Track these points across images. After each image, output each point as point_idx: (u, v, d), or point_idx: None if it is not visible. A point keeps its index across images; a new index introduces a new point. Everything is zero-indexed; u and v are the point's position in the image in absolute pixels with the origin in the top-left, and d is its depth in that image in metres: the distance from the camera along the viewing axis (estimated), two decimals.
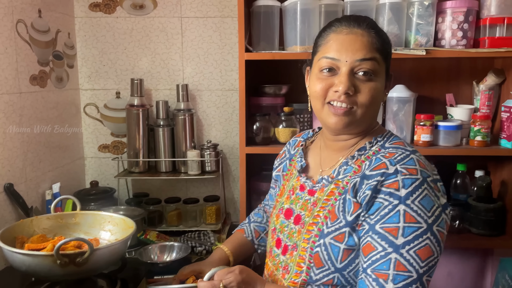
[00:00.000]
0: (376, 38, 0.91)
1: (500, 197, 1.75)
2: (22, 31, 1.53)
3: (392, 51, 0.99)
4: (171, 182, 1.99)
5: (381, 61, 0.91)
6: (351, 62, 0.89)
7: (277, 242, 1.03)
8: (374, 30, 0.92)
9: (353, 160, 0.94)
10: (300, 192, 1.02)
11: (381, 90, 0.93)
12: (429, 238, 0.81)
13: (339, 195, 0.92)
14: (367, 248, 0.84)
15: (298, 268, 0.94)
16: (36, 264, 1.06)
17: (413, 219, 0.81)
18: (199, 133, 1.97)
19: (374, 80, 0.90)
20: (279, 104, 1.78)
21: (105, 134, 1.99)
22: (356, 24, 0.91)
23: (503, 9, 1.57)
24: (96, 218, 1.38)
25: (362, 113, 0.91)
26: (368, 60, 0.89)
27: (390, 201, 0.83)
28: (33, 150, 1.60)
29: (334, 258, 0.88)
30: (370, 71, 0.89)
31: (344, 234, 0.88)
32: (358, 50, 0.89)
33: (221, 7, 1.88)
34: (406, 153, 0.88)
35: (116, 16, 1.90)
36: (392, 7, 1.58)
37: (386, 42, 0.94)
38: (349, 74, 0.89)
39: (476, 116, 1.63)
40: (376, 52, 0.90)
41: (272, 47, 1.66)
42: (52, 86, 1.73)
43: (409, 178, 0.83)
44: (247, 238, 1.26)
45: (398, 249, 0.80)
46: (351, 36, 0.90)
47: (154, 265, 1.44)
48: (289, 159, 1.14)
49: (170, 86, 1.94)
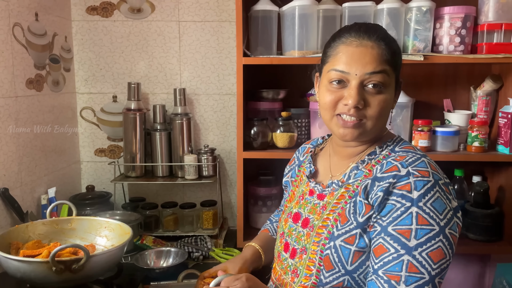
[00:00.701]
0: (386, 49, 0.91)
1: (497, 203, 1.75)
2: (19, 34, 1.52)
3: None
4: (168, 186, 1.98)
5: (391, 72, 0.91)
6: (361, 75, 0.89)
7: (285, 246, 1.03)
8: (384, 42, 0.91)
9: (364, 164, 0.95)
10: (309, 197, 1.02)
11: (390, 100, 0.94)
12: (442, 240, 0.81)
13: (350, 198, 0.92)
14: (379, 250, 0.85)
15: (308, 271, 0.94)
16: (31, 270, 1.05)
17: (425, 221, 0.82)
18: (196, 138, 1.96)
19: (383, 92, 0.91)
20: (276, 109, 1.78)
21: (101, 138, 1.98)
22: (366, 35, 0.91)
23: (500, 15, 1.57)
24: (92, 223, 1.37)
25: (371, 125, 0.92)
26: (378, 73, 0.89)
27: (402, 203, 0.84)
28: (29, 154, 1.59)
29: (344, 260, 0.89)
30: (380, 83, 0.89)
31: (354, 236, 0.88)
32: (368, 63, 0.89)
33: (219, 12, 1.88)
34: (417, 156, 0.89)
35: (114, 19, 1.90)
36: (390, 12, 1.58)
37: (397, 53, 0.94)
38: (358, 87, 0.89)
39: (474, 121, 1.63)
40: (385, 64, 0.90)
41: (270, 51, 1.66)
42: (49, 90, 1.72)
43: (421, 180, 0.84)
44: (272, 237, 1.25)
45: (411, 251, 0.81)
46: (360, 49, 0.90)
47: (151, 271, 1.43)
48: (298, 166, 1.15)
49: (167, 90, 1.93)
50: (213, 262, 1.55)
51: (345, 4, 1.60)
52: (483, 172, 1.84)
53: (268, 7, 1.64)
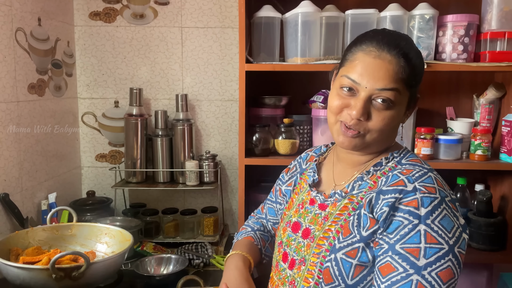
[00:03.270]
0: (404, 67, 0.87)
1: (500, 211, 1.74)
2: (21, 39, 1.52)
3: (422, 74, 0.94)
4: (169, 192, 1.97)
5: (403, 90, 0.88)
6: (371, 89, 0.87)
7: (284, 256, 1.00)
8: (405, 58, 0.87)
9: (369, 175, 0.93)
10: (310, 206, 1.00)
11: (398, 116, 0.91)
12: (451, 260, 0.80)
13: (353, 210, 0.90)
14: (386, 268, 0.82)
15: (305, 283, 0.91)
16: (30, 277, 1.04)
17: (434, 240, 0.80)
18: (197, 144, 1.96)
19: (391, 108, 0.88)
20: (279, 116, 1.77)
21: (102, 144, 1.97)
22: (386, 48, 0.87)
23: (503, 23, 1.57)
24: (92, 230, 1.36)
25: (371, 139, 0.90)
26: (388, 90, 0.86)
27: (410, 220, 0.82)
28: (30, 159, 1.58)
29: (345, 274, 0.86)
30: (389, 100, 0.87)
31: (357, 249, 0.86)
32: (381, 79, 0.86)
33: (222, 18, 1.88)
34: (424, 171, 0.87)
35: (116, 25, 1.90)
36: (393, 20, 1.58)
37: (417, 70, 0.90)
38: (365, 100, 0.87)
39: (477, 130, 1.63)
40: (399, 82, 0.87)
41: (272, 58, 1.66)
42: (50, 95, 1.72)
43: (428, 196, 0.82)
44: (257, 246, 1.16)
45: (420, 271, 0.79)
46: (378, 61, 0.87)
47: (151, 278, 1.42)
48: (300, 173, 1.12)
49: (169, 96, 1.93)
50: (213, 270, 1.54)
51: (348, 12, 1.60)
52: (486, 181, 1.83)
53: (271, 14, 1.64)
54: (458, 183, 1.72)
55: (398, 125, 0.95)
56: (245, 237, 1.16)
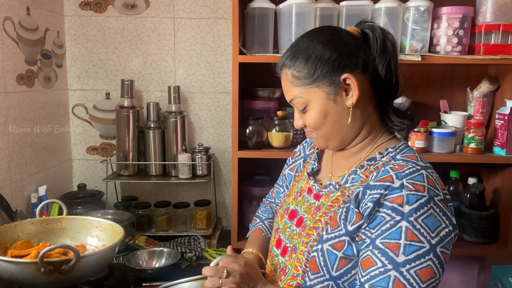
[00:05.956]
0: (293, 69, 0.92)
1: (493, 204, 1.75)
2: (10, 29, 1.48)
3: (332, 59, 0.89)
4: (161, 185, 1.95)
5: (303, 91, 0.91)
6: (290, 102, 0.96)
7: (278, 242, 1.01)
8: (291, 60, 0.92)
9: (362, 169, 0.93)
10: (307, 195, 1.00)
11: (322, 111, 0.90)
12: (432, 259, 0.79)
13: (343, 203, 0.90)
14: (366, 262, 0.82)
15: (295, 271, 0.93)
16: (19, 272, 1.03)
17: (415, 238, 0.79)
18: (190, 136, 1.94)
19: (308, 110, 0.92)
20: (272, 108, 1.76)
21: (93, 136, 1.95)
22: (280, 62, 0.96)
23: (498, 16, 1.56)
24: (83, 223, 1.35)
25: (320, 135, 0.95)
26: (292, 100, 0.94)
27: (392, 216, 0.81)
28: (19, 152, 1.55)
29: (330, 265, 0.87)
30: (299, 106, 0.94)
31: (343, 242, 0.86)
32: (286, 93, 0.96)
33: (215, 9, 1.85)
34: (416, 168, 0.85)
35: (107, 15, 1.86)
36: (387, 11, 1.57)
37: (310, 60, 0.89)
38: (296, 111, 0.96)
39: (470, 123, 1.62)
40: (294, 88, 0.92)
41: (266, 50, 1.64)
42: (40, 86, 1.68)
43: (415, 194, 0.80)
44: (266, 236, 1.19)
45: (398, 267, 0.78)
46: (282, 79, 0.97)
47: (143, 271, 1.40)
48: (303, 160, 1.12)
49: (162, 88, 1.91)
50: (206, 263, 1.53)
51: (342, 3, 1.58)
52: (479, 174, 1.83)
53: (264, 5, 1.62)
54: (451, 176, 1.72)
55: (344, 113, 0.90)
56: (254, 231, 1.21)
